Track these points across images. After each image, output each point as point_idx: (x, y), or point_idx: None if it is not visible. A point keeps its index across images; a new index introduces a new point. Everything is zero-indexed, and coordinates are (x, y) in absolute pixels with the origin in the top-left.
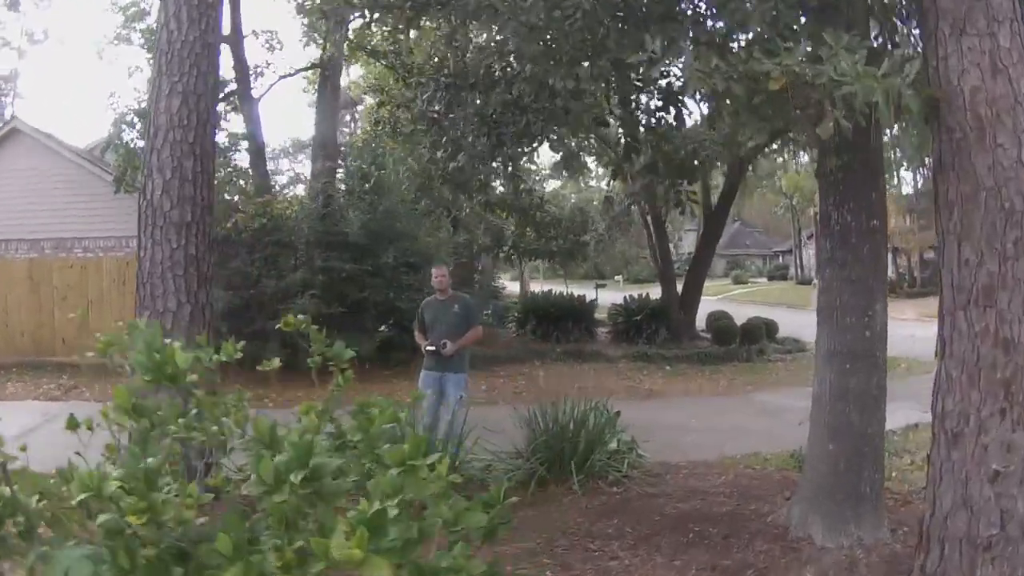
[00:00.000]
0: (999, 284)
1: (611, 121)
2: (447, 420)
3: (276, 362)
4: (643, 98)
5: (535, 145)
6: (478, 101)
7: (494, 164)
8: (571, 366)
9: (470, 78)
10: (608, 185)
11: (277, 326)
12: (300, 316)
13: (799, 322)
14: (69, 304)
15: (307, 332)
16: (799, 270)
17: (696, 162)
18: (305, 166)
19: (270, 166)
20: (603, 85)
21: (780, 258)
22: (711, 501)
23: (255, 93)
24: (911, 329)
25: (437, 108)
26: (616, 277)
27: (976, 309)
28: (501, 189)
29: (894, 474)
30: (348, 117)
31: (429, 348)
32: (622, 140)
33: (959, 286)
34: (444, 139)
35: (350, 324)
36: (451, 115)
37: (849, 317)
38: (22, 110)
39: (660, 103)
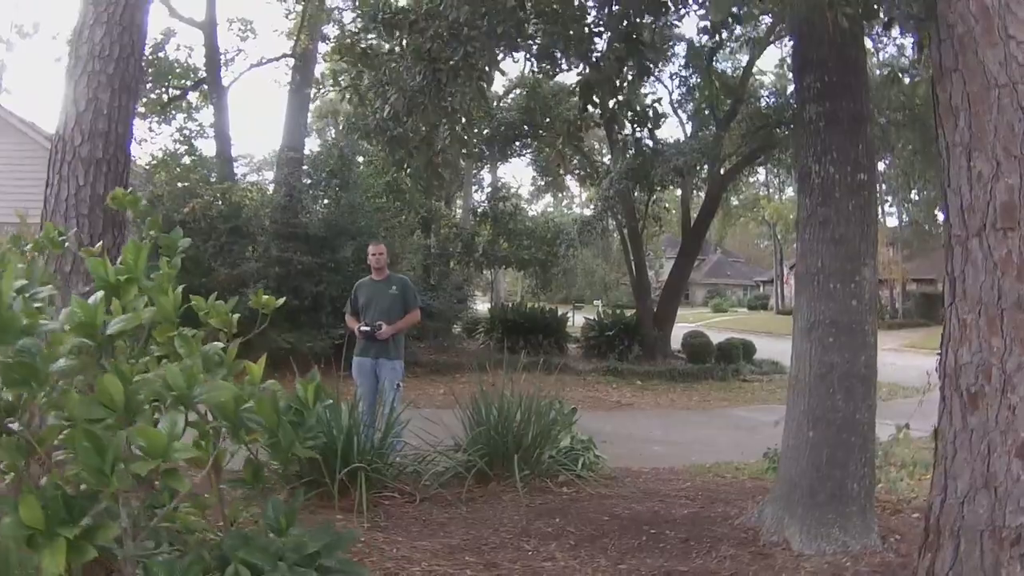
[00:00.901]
0: (1022, 200)
1: (557, 56)
2: (387, 412)
3: None
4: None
5: (480, 83)
6: (420, 38)
7: (440, 110)
8: (537, 376)
9: (411, 15)
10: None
11: None
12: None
13: (778, 349)
14: None
15: None
16: (780, 300)
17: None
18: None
19: (254, 177)
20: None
21: (761, 288)
22: (671, 503)
23: (225, 82)
24: (891, 358)
25: (371, 40)
26: (595, 302)
27: (995, 233)
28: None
29: (880, 484)
30: (332, 131)
31: (364, 329)
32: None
33: (971, 207)
34: (375, 75)
35: (306, 320)
36: (387, 52)
37: (833, 283)
38: (7, 104)
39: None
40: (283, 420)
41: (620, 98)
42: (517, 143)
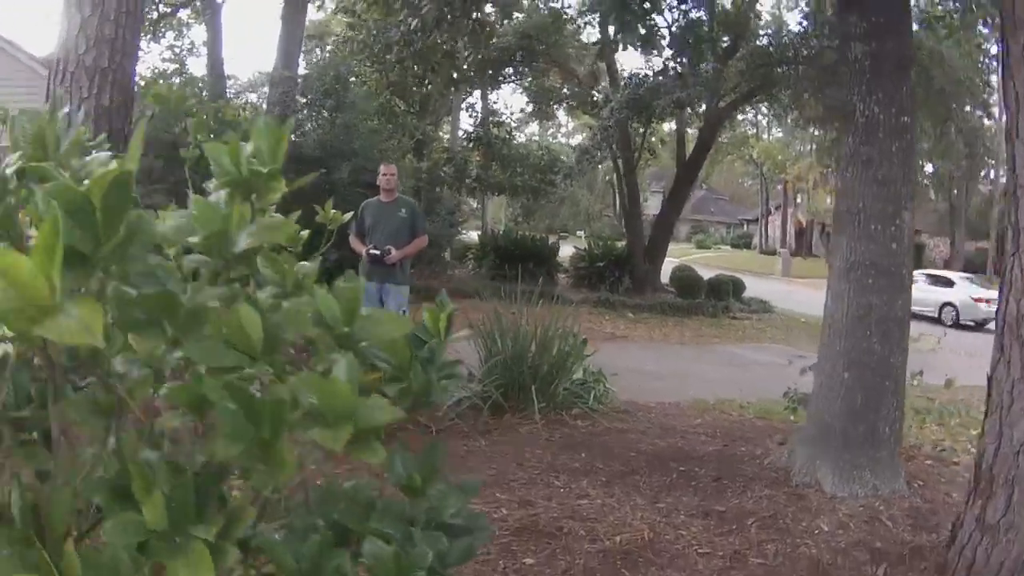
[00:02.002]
0: None
1: None
2: None
3: None
4: None
5: None
6: None
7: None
8: (529, 306)
9: None
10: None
11: None
12: None
13: (764, 288)
14: None
15: None
16: (763, 240)
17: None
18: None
19: (237, 100)
20: None
21: (745, 227)
22: (692, 440)
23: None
24: None
25: None
26: (579, 232)
27: None
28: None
29: None
30: (318, 51)
31: (373, 252)
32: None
33: None
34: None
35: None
36: None
37: (874, 224)
38: None
39: None
40: (415, 356)
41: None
42: (509, 69)
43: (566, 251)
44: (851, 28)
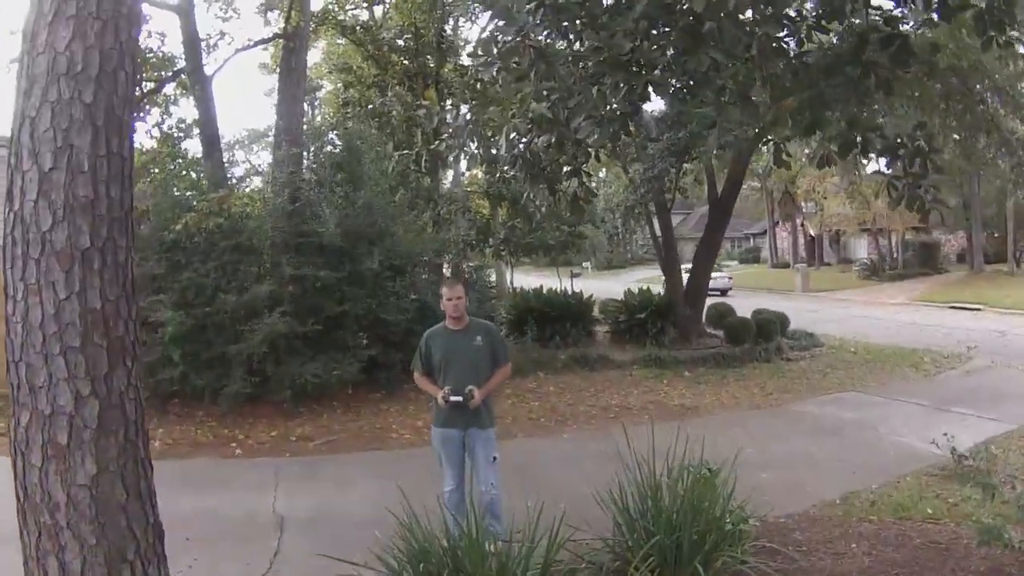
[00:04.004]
0: None
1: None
2: (484, 492)
3: None
4: None
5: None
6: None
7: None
8: (580, 376)
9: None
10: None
11: None
12: None
13: (790, 309)
14: None
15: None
16: (774, 253)
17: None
18: (261, 158)
19: (241, 185)
20: None
21: (751, 241)
22: None
23: (208, 70)
24: (909, 315)
25: (543, 35)
26: (584, 264)
27: None
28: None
29: None
30: (307, 106)
31: (453, 399)
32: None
33: None
34: (548, 92)
35: (328, 343)
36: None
37: None
38: None
39: None
40: None
41: None
42: None
43: (584, 287)
44: None
